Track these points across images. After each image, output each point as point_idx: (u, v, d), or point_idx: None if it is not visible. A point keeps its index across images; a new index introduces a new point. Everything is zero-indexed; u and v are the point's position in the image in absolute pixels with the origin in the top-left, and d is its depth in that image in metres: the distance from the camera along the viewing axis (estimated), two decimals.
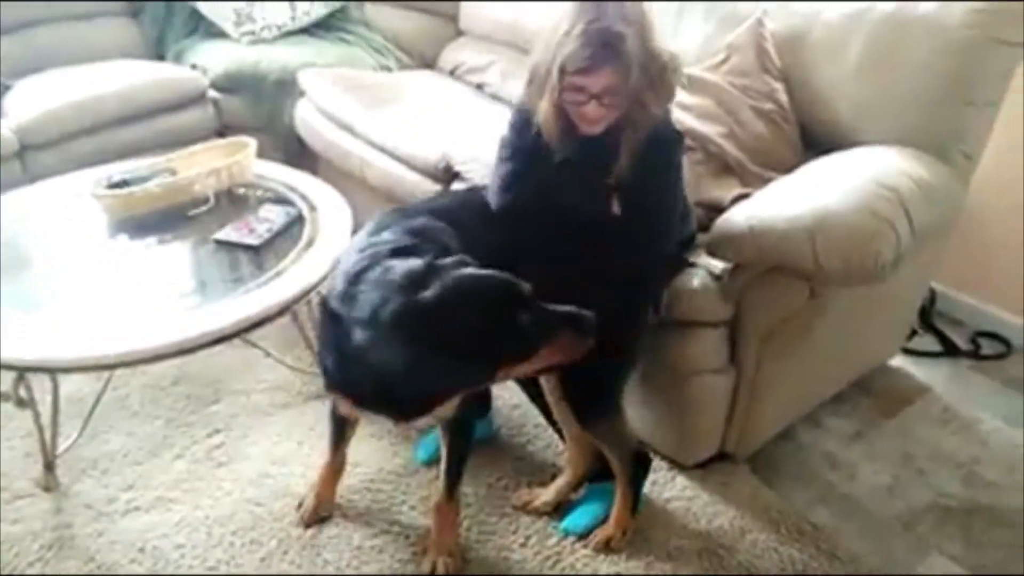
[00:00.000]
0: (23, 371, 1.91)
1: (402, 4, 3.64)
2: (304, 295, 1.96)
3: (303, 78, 3.13)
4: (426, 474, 2.06)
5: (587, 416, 1.81)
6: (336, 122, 2.97)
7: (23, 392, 2.00)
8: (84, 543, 1.90)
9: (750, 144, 2.17)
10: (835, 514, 2.00)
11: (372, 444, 2.14)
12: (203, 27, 3.50)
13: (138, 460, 2.12)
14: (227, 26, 3.45)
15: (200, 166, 2.30)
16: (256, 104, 3.21)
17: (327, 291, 1.64)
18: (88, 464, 2.10)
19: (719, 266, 1.86)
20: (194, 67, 3.31)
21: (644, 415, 2.00)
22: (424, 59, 3.56)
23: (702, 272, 1.88)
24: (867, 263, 1.66)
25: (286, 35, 3.50)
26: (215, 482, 2.06)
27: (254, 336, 2.14)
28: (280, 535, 1.91)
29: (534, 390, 1.96)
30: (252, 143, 2.39)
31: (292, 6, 3.51)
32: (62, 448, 2.08)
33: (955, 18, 1.95)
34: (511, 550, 1.88)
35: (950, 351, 2.59)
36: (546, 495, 1.97)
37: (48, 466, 2.04)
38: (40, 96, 2.99)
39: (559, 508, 1.96)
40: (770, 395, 2.01)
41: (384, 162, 2.76)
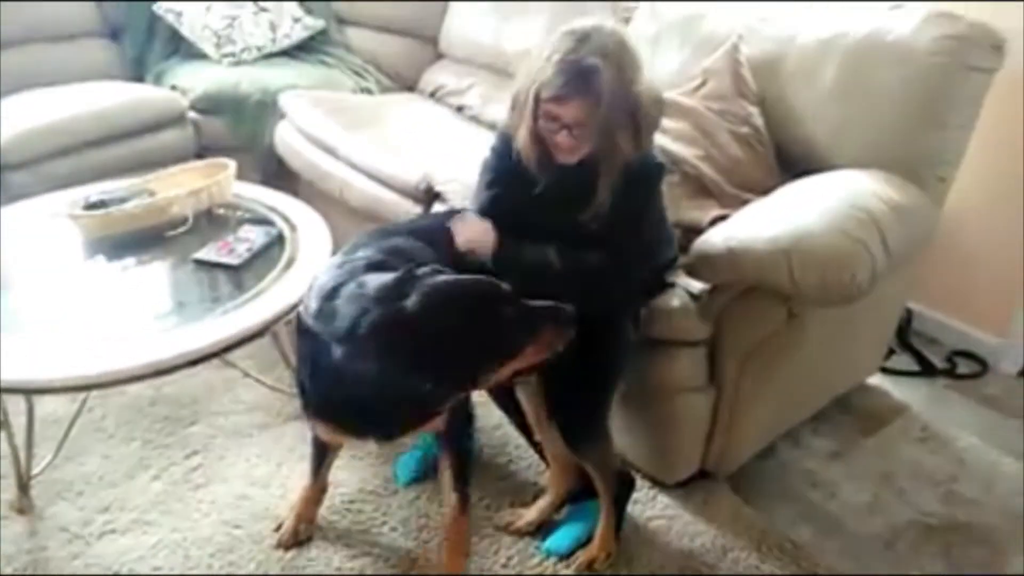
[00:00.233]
0: None
1: (382, 27, 3.66)
2: (284, 315, 1.95)
3: (284, 100, 3.14)
4: (406, 494, 2.05)
5: (576, 439, 1.81)
6: (317, 143, 2.97)
7: None
8: (59, 566, 1.87)
9: (727, 166, 2.19)
10: (816, 532, 2.01)
11: (352, 463, 2.12)
12: (184, 49, 3.50)
13: (114, 482, 2.10)
14: (208, 48, 3.45)
15: (179, 187, 2.29)
16: (236, 125, 3.21)
17: (302, 309, 1.62)
18: (63, 486, 2.07)
19: (698, 286, 1.88)
20: (174, 88, 3.30)
21: (625, 434, 2.00)
22: (404, 82, 3.58)
23: (681, 292, 1.90)
24: (843, 283, 1.69)
25: (267, 57, 3.51)
26: (193, 504, 2.04)
27: (233, 356, 2.12)
28: (259, 557, 1.89)
29: (515, 412, 1.96)
30: (232, 164, 2.39)
31: (273, 28, 3.52)
32: (37, 470, 2.05)
33: (924, 45, 1.99)
34: (493, 571, 1.87)
35: (927, 370, 2.62)
36: (529, 515, 1.97)
37: (22, 488, 2.01)
38: (18, 116, 2.96)
39: (541, 528, 1.95)
40: (750, 414, 2.02)
41: (364, 183, 2.77)
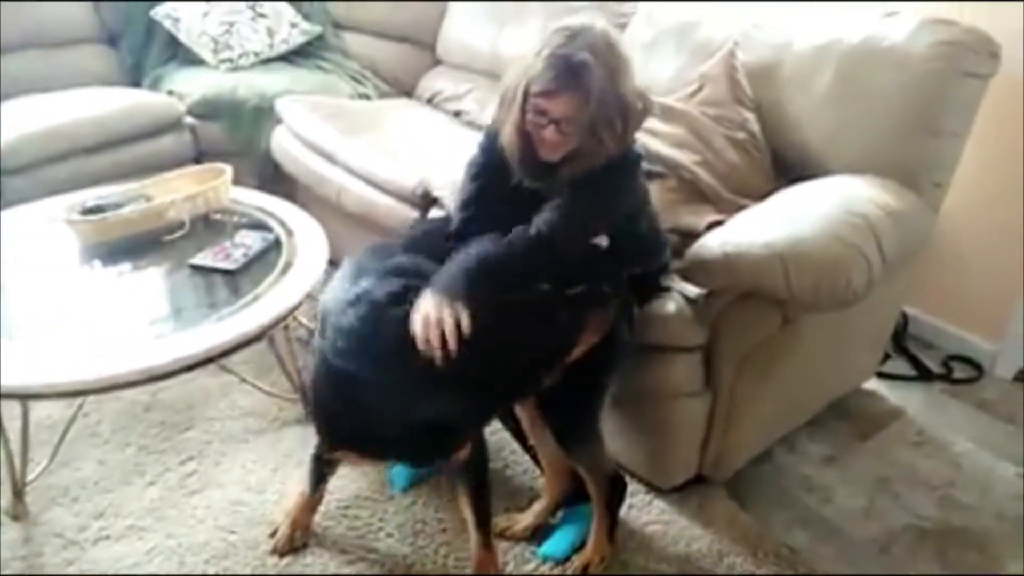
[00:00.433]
0: None
1: (380, 33, 3.67)
2: (281, 320, 1.95)
3: (281, 105, 3.14)
4: (402, 500, 2.05)
5: (569, 442, 1.81)
6: (314, 149, 2.97)
7: None
8: (54, 572, 1.86)
9: (723, 172, 2.20)
10: (812, 537, 2.01)
11: (347, 469, 2.11)
12: (181, 54, 3.51)
13: (109, 488, 2.09)
14: (205, 53, 3.46)
15: (175, 192, 2.29)
16: (234, 131, 3.21)
17: (321, 345, 1.61)
18: (58, 492, 2.07)
19: (693, 291, 1.88)
20: (171, 93, 3.30)
21: (621, 438, 2.00)
22: (402, 87, 3.59)
23: (677, 297, 1.90)
24: (838, 288, 1.69)
25: (264, 62, 3.51)
26: (188, 510, 2.03)
27: (230, 361, 2.12)
28: (254, 563, 1.89)
29: (509, 418, 1.96)
30: (228, 169, 2.39)
31: (270, 33, 3.53)
32: (32, 475, 2.05)
33: (920, 51, 2.00)
34: None
35: (923, 375, 2.62)
36: (524, 520, 1.96)
37: (17, 494, 2.00)
38: (16, 121, 2.96)
39: (537, 532, 1.95)
40: (746, 418, 2.02)
41: (361, 188, 2.77)
